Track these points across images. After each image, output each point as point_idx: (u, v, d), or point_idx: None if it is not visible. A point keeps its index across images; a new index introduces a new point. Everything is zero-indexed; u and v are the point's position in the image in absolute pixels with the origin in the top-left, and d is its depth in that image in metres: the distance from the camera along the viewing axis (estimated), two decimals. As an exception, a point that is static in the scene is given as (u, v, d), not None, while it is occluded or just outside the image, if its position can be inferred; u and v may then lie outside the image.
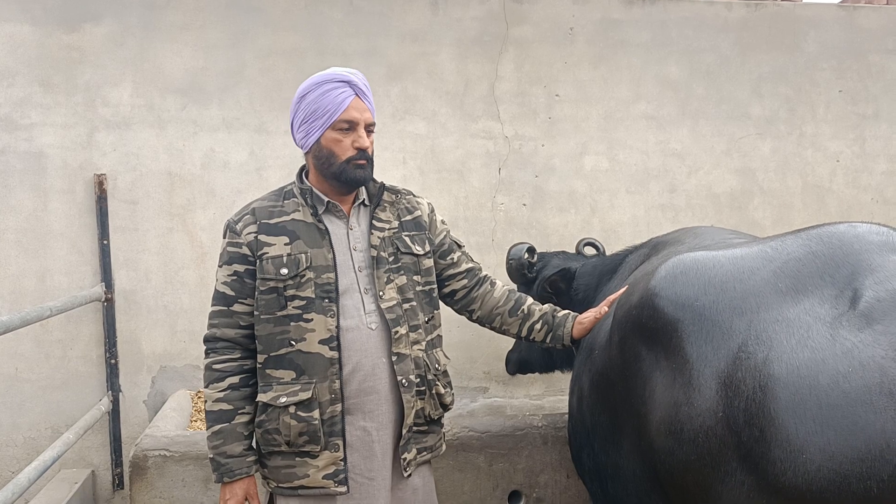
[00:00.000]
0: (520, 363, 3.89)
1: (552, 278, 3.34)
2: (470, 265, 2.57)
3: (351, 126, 2.21)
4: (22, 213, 4.05)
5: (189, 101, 4.18)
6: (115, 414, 4.13)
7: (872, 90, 4.82)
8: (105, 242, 4.08)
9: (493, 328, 2.63)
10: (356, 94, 2.21)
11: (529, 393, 4.62)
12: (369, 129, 2.26)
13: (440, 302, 2.53)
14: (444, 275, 2.52)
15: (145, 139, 4.15)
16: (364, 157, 2.22)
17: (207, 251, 4.21)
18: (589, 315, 2.54)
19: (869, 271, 1.69)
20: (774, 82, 4.72)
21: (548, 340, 2.58)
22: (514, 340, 3.99)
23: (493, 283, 2.61)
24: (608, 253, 3.74)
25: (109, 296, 4.09)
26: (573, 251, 3.94)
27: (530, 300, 2.62)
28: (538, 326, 2.57)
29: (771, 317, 1.71)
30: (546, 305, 2.64)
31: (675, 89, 4.64)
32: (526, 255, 3.53)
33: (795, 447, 1.52)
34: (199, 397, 4.05)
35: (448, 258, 2.51)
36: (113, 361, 4.12)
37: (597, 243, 3.95)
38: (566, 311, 2.62)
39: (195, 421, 3.79)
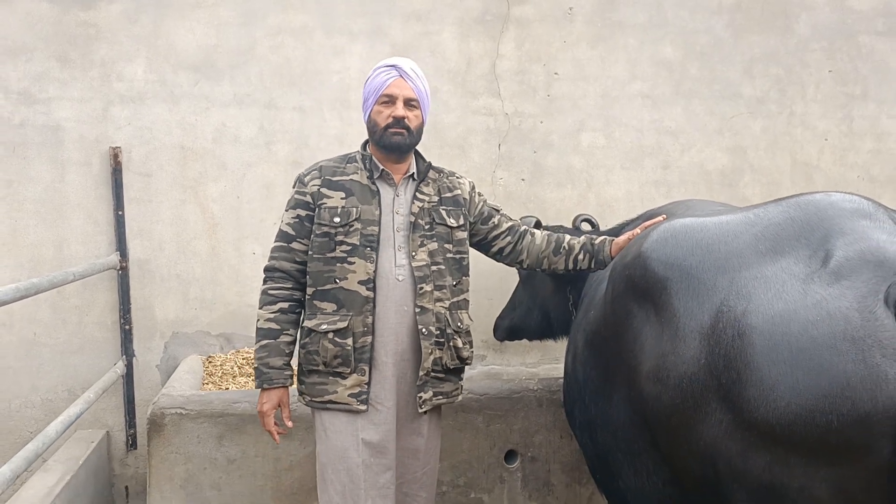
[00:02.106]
0: (510, 330, 4.06)
1: None
2: (510, 223, 2.91)
3: (390, 100, 2.59)
4: (40, 184, 4.19)
5: (201, 78, 4.32)
6: (129, 377, 4.29)
7: (861, 71, 4.96)
8: (120, 213, 4.23)
9: (543, 269, 2.95)
10: (399, 75, 2.58)
11: (525, 361, 4.80)
12: (410, 103, 2.60)
13: (493, 261, 2.96)
14: (489, 237, 2.87)
15: (159, 114, 4.29)
16: (400, 126, 2.58)
17: (218, 222, 4.36)
18: (623, 237, 2.83)
19: (840, 234, 1.86)
20: (766, 63, 4.87)
21: (592, 266, 2.88)
22: (502, 307, 4.18)
23: (532, 234, 2.93)
24: (604, 227, 3.91)
25: (124, 264, 4.24)
26: (570, 226, 4.10)
27: (567, 237, 2.93)
28: (581, 257, 2.87)
29: (751, 274, 1.89)
30: (583, 237, 2.93)
31: (669, 69, 4.79)
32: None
33: (768, 386, 1.70)
34: (210, 362, 4.21)
35: (490, 223, 2.85)
36: (127, 327, 4.28)
37: (592, 219, 4.11)
38: (602, 238, 2.91)
39: (206, 384, 3.95)
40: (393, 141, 2.59)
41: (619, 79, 4.74)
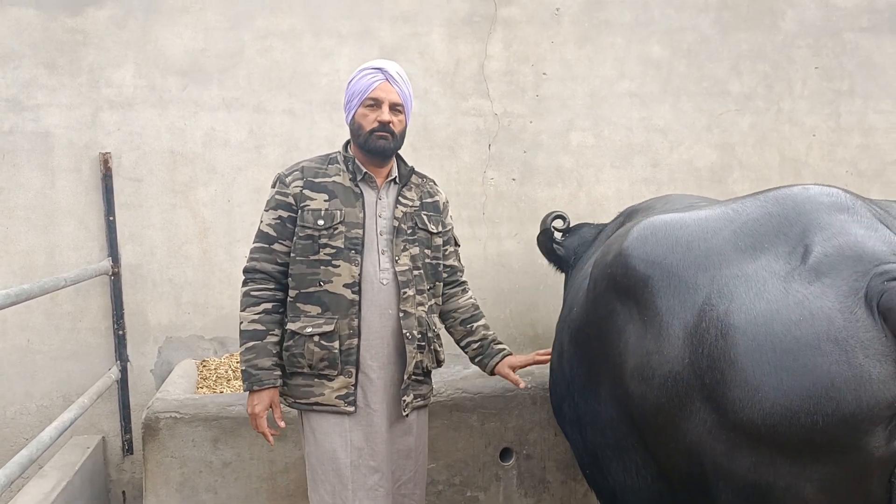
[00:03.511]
0: None
1: (548, 228, 3.49)
2: (455, 264, 2.91)
3: (376, 103, 2.57)
4: (30, 191, 4.19)
5: (190, 82, 4.32)
6: (123, 383, 4.30)
7: (847, 67, 4.99)
8: (111, 219, 4.23)
9: (442, 323, 2.92)
10: (386, 79, 2.57)
11: (519, 360, 4.81)
12: (396, 108, 2.60)
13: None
14: None
15: (148, 119, 4.29)
16: (385, 130, 2.57)
17: (209, 226, 4.37)
18: (515, 369, 2.86)
19: (818, 229, 1.86)
20: (753, 60, 4.90)
21: (475, 360, 2.92)
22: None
23: (464, 291, 2.94)
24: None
25: (116, 270, 4.25)
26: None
27: (483, 322, 2.92)
28: (475, 346, 2.89)
29: (731, 272, 1.89)
30: (491, 334, 2.93)
31: (657, 68, 4.81)
32: (556, 223, 3.59)
33: (752, 387, 1.71)
34: (204, 366, 4.22)
35: (442, 249, 2.82)
36: (121, 333, 4.28)
37: (564, 215, 4.01)
38: (502, 347, 2.91)
39: (201, 388, 3.95)
40: (378, 145, 2.58)
41: (607, 78, 4.77)
